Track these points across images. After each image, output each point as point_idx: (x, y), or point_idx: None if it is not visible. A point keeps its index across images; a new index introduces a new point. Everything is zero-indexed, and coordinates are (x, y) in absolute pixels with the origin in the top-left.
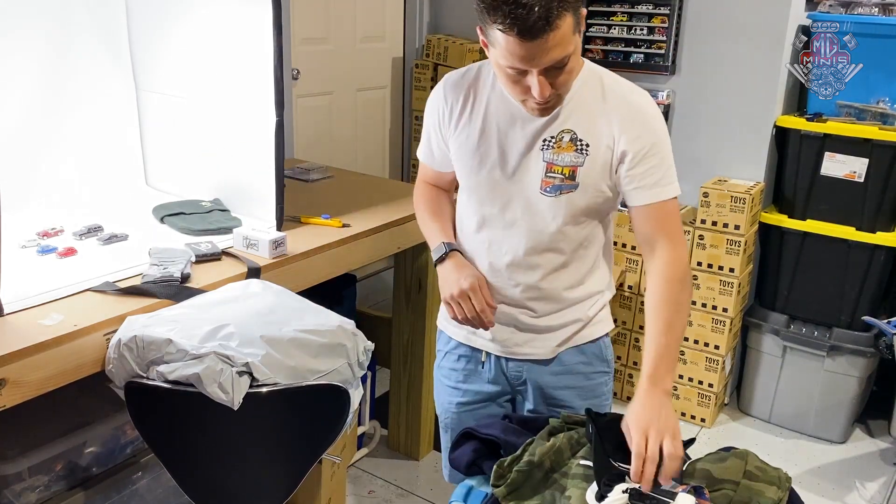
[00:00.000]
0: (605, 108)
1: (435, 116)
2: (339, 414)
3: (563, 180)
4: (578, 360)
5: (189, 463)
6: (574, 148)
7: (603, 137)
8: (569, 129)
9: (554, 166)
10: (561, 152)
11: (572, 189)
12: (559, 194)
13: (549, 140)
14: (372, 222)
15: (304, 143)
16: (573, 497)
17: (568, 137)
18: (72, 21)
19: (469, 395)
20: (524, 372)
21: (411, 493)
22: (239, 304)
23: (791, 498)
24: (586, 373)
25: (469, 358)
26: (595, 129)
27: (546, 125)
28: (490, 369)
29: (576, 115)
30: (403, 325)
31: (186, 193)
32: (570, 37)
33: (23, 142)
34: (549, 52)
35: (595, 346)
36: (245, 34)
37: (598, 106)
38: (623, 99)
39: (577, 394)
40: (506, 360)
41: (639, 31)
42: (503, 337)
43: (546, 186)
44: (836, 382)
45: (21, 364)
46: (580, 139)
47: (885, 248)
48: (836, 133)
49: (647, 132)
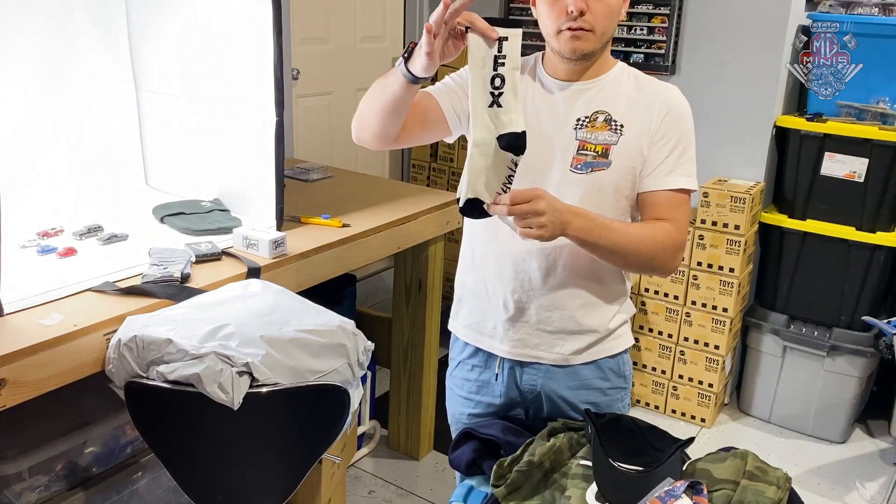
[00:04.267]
0: (641, 97)
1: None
2: (339, 414)
3: (595, 157)
4: (595, 375)
5: (189, 463)
6: (608, 128)
7: (637, 121)
8: (603, 111)
9: (587, 144)
10: (595, 131)
11: (604, 167)
12: (590, 171)
13: (583, 119)
14: (372, 222)
15: (304, 143)
16: (573, 497)
17: (602, 118)
18: (72, 21)
19: (481, 408)
20: (538, 384)
21: (411, 493)
22: (239, 304)
23: (791, 498)
24: (603, 388)
25: (483, 368)
26: (630, 113)
27: (581, 106)
28: (503, 381)
29: (611, 99)
30: (403, 325)
31: (186, 193)
32: None
33: (23, 142)
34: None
35: (613, 362)
36: (245, 34)
37: (633, 93)
38: (658, 91)
39: (593, 409)
40: (520, 371)
41: (639, 31)
42: (517, 336)
43: (577, 164)
44: (836, 382)
45: (21, 364)
46: (615, 120)
47: (885, 248)
48: (836, 133)
49: (678, 124)
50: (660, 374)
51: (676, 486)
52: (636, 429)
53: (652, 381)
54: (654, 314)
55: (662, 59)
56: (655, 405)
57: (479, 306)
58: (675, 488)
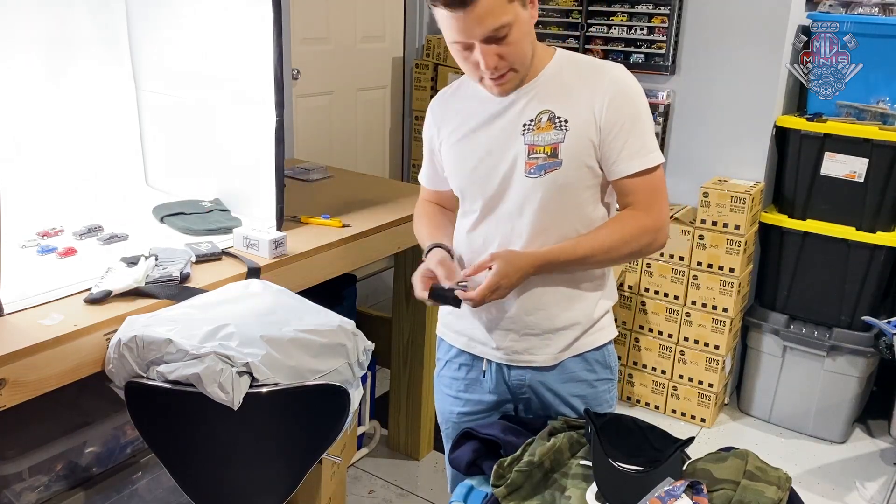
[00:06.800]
0: (583, 83)
1: (428, 135)
2: (339, 414)
3: (545, 159)
4: (582, 367)
5: (189, 463)
6: (553, 126)
7: (582, 112)
8: (546, 110)
9: (535, 147)
10: (541, 132)
11: (556, 167)
12: (543, 173)
13: (529, 124)
14: (372, 222)
15: (304, 143)
16: (573, 497)
17: (546, 117)
18: (72, 21)
19: (470, 405)
20: (526, 380)
21: (411, 493)
22: (239, 304)
23: (791, 498)
24: (590, 380)
25: (470, 367)
26: (573, 105)
27: (523, 111)
28: (491, 378)
29: (552, 96)
30: (403, 325)
31: (186, 193)
32: (504, 5)
33: (23, 142)
34: (481, 21)
35: (599, 354)
36: (245, 34)
37: (574, 83)
38: (599, 76)
39: (580, 402)
40: (507, 369)
41: (639, 31)
42: (504, 344)
43: (530, 168)
44: (836, 382)
45: (21, 364)
46: (558, 117)
47: (885, 248)
48: (836, 133)
49: (624, 107)
50: (660, 374)
51: (676, 486)
52: (636, 429)
53: (652, 381)
54: (654, 314)
55: (662, 59)
56: (655, 405)
57: (464, 314)
58: (675, 488)
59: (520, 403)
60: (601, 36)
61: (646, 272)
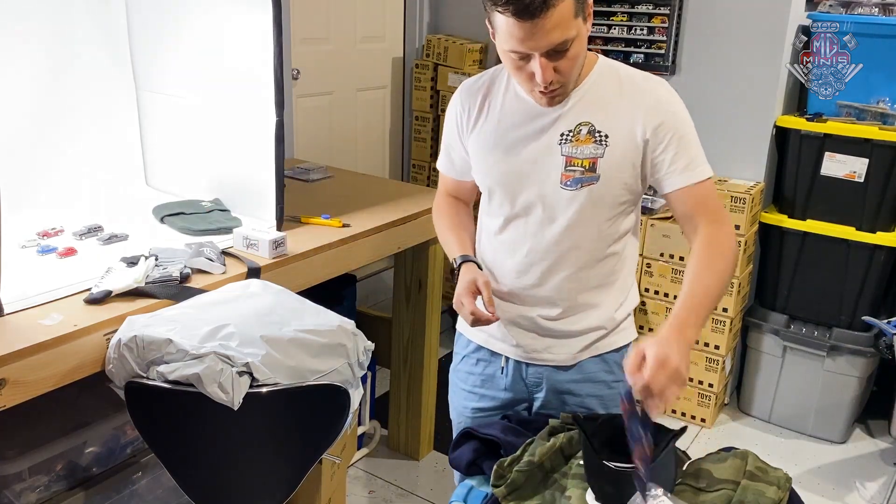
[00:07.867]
0: (624, 99)
1: (453, 123)
2: (339, 414)
3: (583, 172)
4: (600, 368)
5: (189, 463)
6: (593, 140)
7: (623, 128)
8: (586, 122)
9: (573, 159)
10: (580, 145)
11: (593, 181)
12: (580, 187)
13: (567, 134)
14: (372, 222)
15: (304, 143)
16: (573, 497)
17: (586, 130)
18: (72, 22)
19: (486, 401)
20: (543, 378)
21: (411, 493)
22: (239, 304)
23: (791, 498)
24: (608, 381)
25: (487, 362)
26: (614, 120)
27: (562, 120)
28: (508, 374)
29: (593, 108)
30: (403, 325)
31: (186, 193)
32: (571, 20)
33: (23, 142)
34: (548, 33)
35: (619, 355)
36: (245, 34)
37: (615, 97)
38: (640, 88)
39: (598, 402)
40: (525, 366)
41: (639, 31)
42: (524, 342)
43: (566, 180)
44: (836, 382)
45: (21, 364)
46: (598, 131)
47: (885, 248)
48: (836, 133)
49: (669, 118)
50: None
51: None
52: None
53: None
54: (654, 314)
55: (662, 59)
56: None
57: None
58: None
59: (535, 401)
60: (601, 36)
61: (646, 272)
